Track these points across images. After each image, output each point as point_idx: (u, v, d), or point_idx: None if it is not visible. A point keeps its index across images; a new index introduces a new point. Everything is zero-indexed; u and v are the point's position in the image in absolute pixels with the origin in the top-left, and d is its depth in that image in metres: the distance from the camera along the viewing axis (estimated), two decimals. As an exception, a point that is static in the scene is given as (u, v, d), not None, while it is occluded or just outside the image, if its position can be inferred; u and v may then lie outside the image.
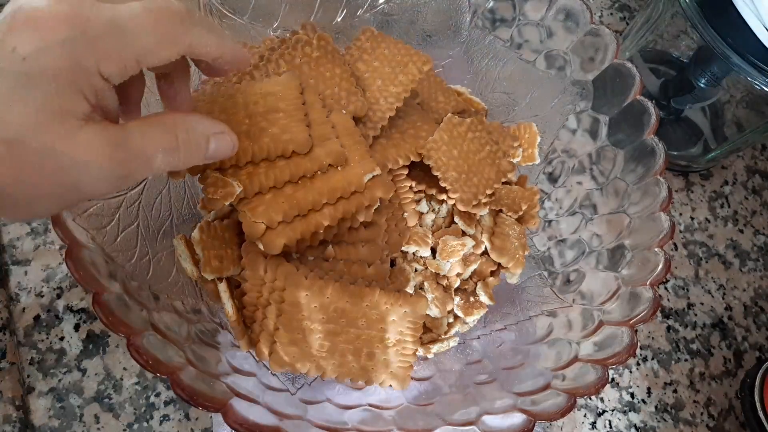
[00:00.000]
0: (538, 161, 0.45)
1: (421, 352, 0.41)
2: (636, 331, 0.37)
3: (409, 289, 0.40)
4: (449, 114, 0.43)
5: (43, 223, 0.48)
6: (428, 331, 0.42)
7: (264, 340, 0.35)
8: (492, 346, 0.44)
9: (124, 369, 0.44)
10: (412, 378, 0.38)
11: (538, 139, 0.45)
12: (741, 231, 0.60)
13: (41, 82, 0.24)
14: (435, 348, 0.40)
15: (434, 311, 0.41)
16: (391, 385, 0.37)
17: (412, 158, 0.41)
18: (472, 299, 0.43)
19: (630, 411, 0.50)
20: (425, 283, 0.41)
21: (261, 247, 0.34)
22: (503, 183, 0.44)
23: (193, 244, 0.38)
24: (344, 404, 0.38)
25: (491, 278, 0.43)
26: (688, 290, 0.56)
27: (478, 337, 0.44)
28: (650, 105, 0.43)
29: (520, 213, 0.44)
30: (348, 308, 0.35)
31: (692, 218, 0.60)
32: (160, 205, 0.42)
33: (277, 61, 0.42)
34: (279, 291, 0.35)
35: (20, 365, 0.44)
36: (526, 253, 0.44)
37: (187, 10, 0.28)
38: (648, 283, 0.38)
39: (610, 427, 0.49)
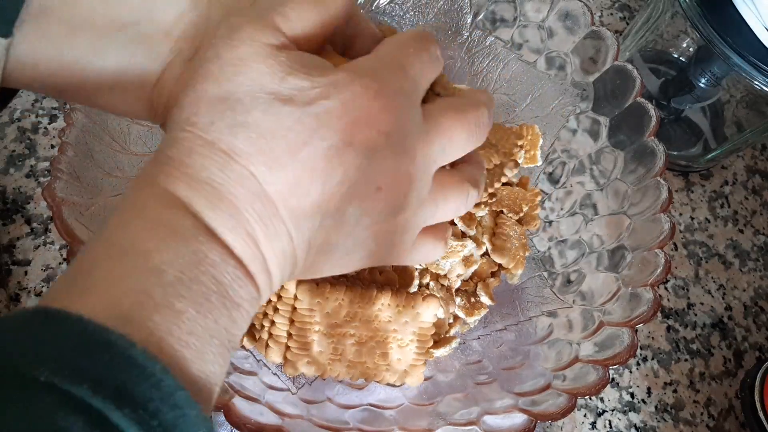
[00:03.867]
0: (540, 163, 0.45)
1: None
2: (636, 331, 0.37)
3: (413, 288, 0.41)
4: None
5: (43, 223, 0.48)
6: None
7: (274, 346, 0.36)
8: (492, 347, 0.44)
9: (125, 369, 0.44)
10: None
11: (541, 140, 0.45)
12: (741, 231, 0.60)
13: None
14: (438, 353, 0.40)
15: (439, 311, 0.41)
16: (405, 383, 0.37)
17: None
18: (473, 300, 0.43)
19: (630, 411, 0.50)
20: (431, 284, 0.42)
21: None
22: (504, 185, 0.44)
23: None
24: (345, 404, 0.38)
25: (492, 279, 0.44)
26: (688, 290, 0.56)
27: (478, 338, 0.44)
28: (650, 107, 0.44)
29: (521, 214, 0.44)
30: (360, 312, 0.35)
31: (692, 218, 0.60)
32: (160, 205, 0.42)
33: None
34: (289, 297, 0.35)
35: (21, 365, 0.44)
36: (527, 253, 0.44)
37: None
38: (648, 283, 0.38)
39: (610, 427, 0.49)
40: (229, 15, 0.26)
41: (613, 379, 0.51)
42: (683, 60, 0.61)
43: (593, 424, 0.49)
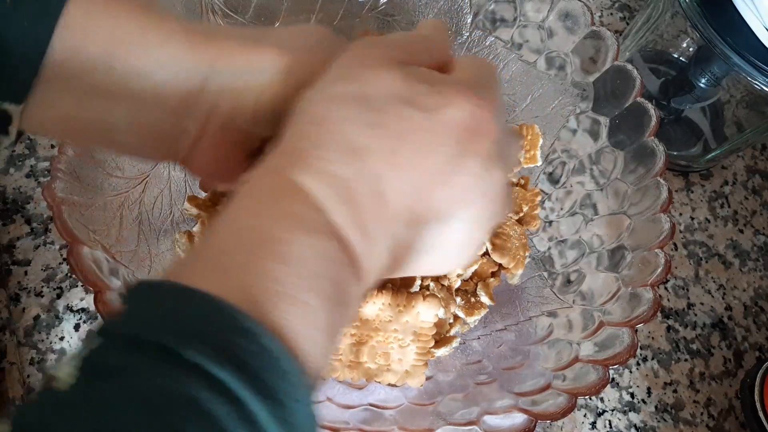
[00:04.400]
0: (540, 163, 0.45)
1: None
2: (636, 331, 0.37)
3: (414, 288, 0.41)
4: None
5: (43, 223, 0.48)
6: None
7: None
8: (492, 347, 0.44)
9: (125, 369, 0.44)
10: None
11: (541, 140, 0.45)
12: (741, 231, 0.60)
13: None
14: (439, 352, 0.40)
15: (440, 311, 0.41)
16: (406, 384, 0.37)
17: None
18: (473, 300, 0.43)
19: (630, 411, 0.50)
20: (431, 284, 0.41)
21: None
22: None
23: (196, 238, 0.38)
24: (345, 404, 0.38)
25: (492, 279, 0.43)
26: (688, 290, 0.56)
27: (478, 338, 0.44)
28: (650, 107, 0.44)
29: (521, 214, 0.44)
30: (361, 312, 0.35)
31: (692, 218, 0.60)
32: (161, 203, 0.42)
33: None
34: None
35: (20, 365, 0.44)
36: (527, 253, 0.44)
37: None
38: (648, 283, 0.38)
39: (610, 427, 0.49)
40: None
41: (613, 379, 0.51)
42: (683, 60, 0.61)
43: (593, 424, 0.49)
